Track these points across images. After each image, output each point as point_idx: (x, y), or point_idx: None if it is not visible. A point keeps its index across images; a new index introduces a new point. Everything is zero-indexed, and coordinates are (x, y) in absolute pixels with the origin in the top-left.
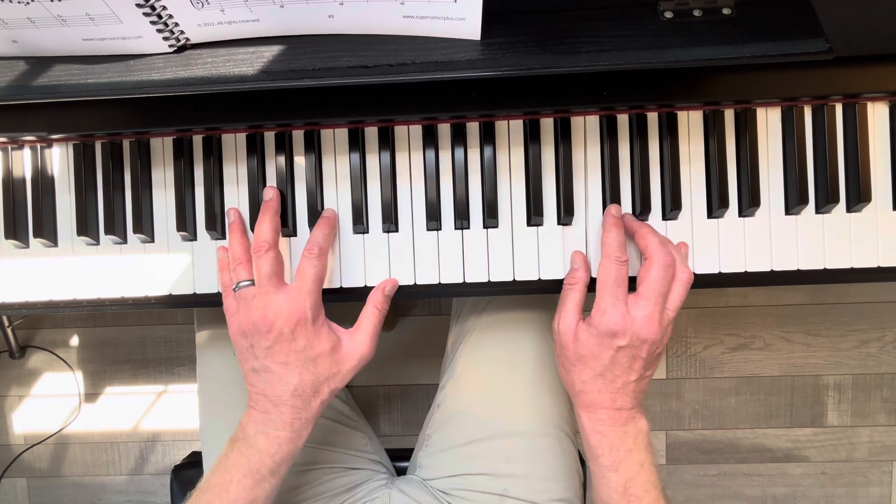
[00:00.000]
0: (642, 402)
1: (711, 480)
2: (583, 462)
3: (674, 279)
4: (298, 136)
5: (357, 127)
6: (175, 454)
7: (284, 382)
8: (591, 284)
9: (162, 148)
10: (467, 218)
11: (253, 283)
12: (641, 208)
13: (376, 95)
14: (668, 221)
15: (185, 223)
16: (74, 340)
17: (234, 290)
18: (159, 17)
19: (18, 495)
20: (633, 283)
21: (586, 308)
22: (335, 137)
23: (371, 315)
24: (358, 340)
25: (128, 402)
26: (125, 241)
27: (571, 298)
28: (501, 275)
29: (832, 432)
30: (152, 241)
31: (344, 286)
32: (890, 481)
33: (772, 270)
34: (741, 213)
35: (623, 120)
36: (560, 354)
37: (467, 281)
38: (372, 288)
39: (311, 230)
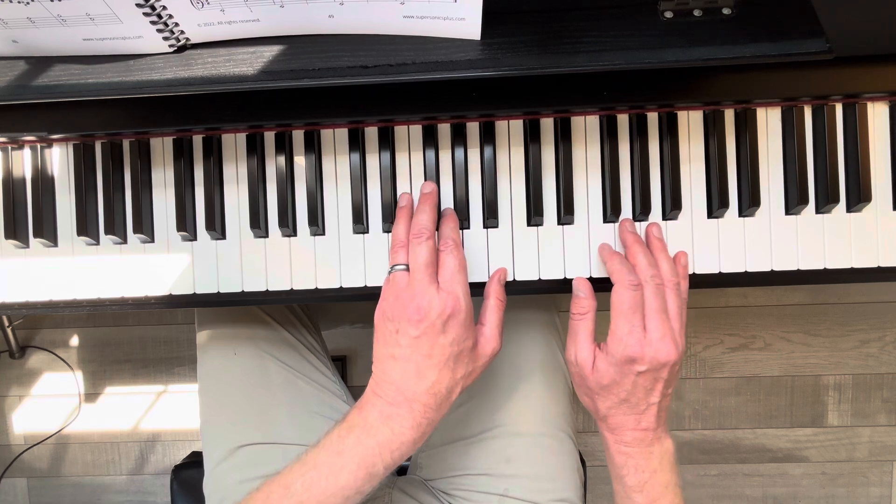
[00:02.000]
0: (666, 420)
1: (711, 480)
2: (583, 462)
3: (666, 290)
4: (298, 136)
5: (357, 127)
6: (175, 454)
7: (423, 376)
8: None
9: (162, 148)
10: (467, 218)
11: (407, 269)
12: (641, 208)
13: (376, 95)
14: (668, 221)
15: (185, 223)
16: (74, 340)
17: (388, 272)
18: (159, 17)
19: (18, 495)
20: None
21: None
22: (335, 137)
23: (494, 308)
24: (487, 335)
25: (128, 402)
26: (125, 241)
27: (583, 329)
28: None
29: (832, 432)
30: (152, 241)
31: (344, 286)
32: (890, 481)
33: (772, 270)
34: (741, 213)
35: (623, 120)
36: (580, 384)
37: (467, 281)
38: (372, 288)
39: (311, 230)
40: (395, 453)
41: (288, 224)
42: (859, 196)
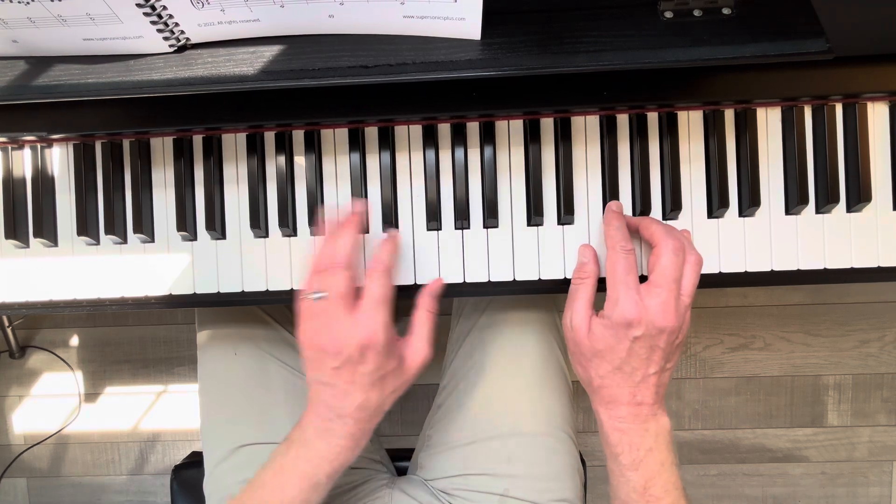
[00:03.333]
0: (664, 397)
1: (711, 480)
2: (583, 462)
3: (684, 263)
4: (298, 136)
5: (357, 127)
6: (175, 454)
7: (351, 398)
8: (601, 283)
9: (162, 148)
10: (467, 218)
11: (325, 296)
12: (641, 208)
13: (376, 95)
14: (669, 221)
15: (185, 223)
16: (74, 340)
17: (305, 297)
18: (159, 17)
19: (18, 495)
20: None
21: (596, 306)
22: (335, 137)
23: (425, 319)
24: (416, 347)
25: (128, 402)
26: (125, 241)
27: (582, 293)
28: (502, 275)
29: (832, 432)
30: (152, 241)
31: None
32: (890, 481)
33: (772, 270)
34: (741, 213)
35: (623, 120)
36: (574, 351)
37: (467, 281)
38: None
39: (311, 230)
40: (334, 463)
41: (288, 224)
42: (859, 196)
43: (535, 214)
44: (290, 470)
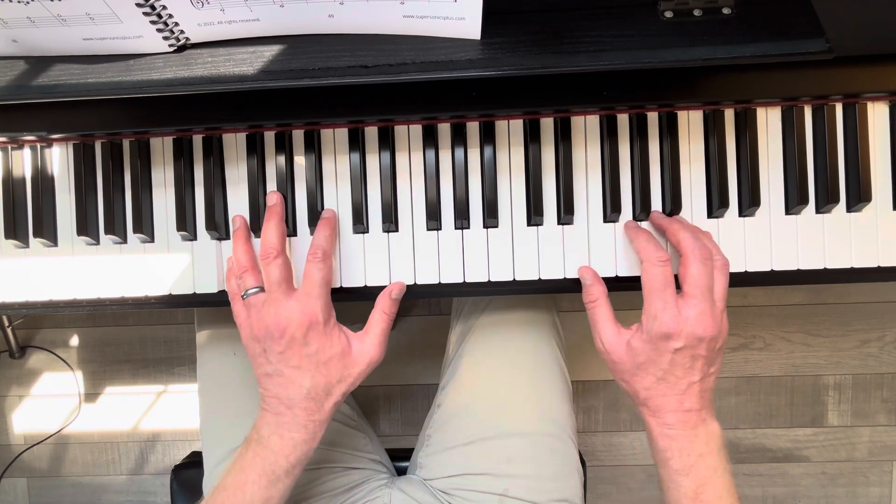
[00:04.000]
0: (711, 401)
1: None
2: (583, 462)
3: (713, 269)
4: (298, 135)
5: (357, 127)
6: (175, 454)
7: (297, 385)
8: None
9: (162, 148)
10: (467, 218)
11: (261, 290)
12: (641, 208)
13: (376, 95)
14: None
15: (185, 223)
16: (74, 340)
17: (242, 297)
18: (159, 16)
19: (18, 495)
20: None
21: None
22: (335, 137)
23: (379, 320)
24: (367, 344)
25: (128, 402)
26: (125, 240)
27: (600, 315)
28: (501, 275)
29: (832, 432)
30: (152, 241)
31: (344, 286)
32: (890, 481)
33: (772, 270)
34: (741, 213)
35: (623, 120)
36: (615, 369)
37: (467, 281)
38: (372, 288)
39: (311, 230)
40: (290, 458)
41: (288, 224)
42: (859, 196)
43: (535, 214)
44: (249, 469)
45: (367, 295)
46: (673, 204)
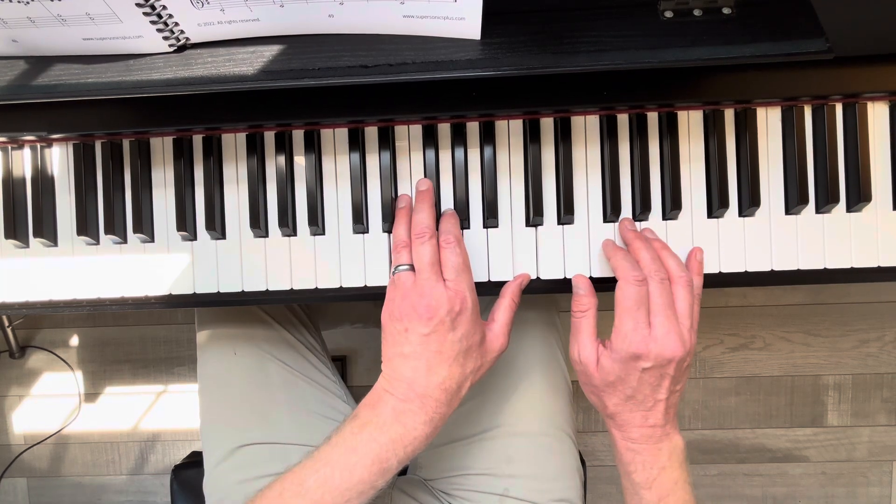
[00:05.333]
0: (676, 415)
1: (711, 480)
2: (583, 462)
3: (674, 286)
4: (298, 135)
5: (357, 127)
6: (175, 454)
7: (434, 372)
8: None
9: (162, 148)
10: (467, 218)
11: (412, 269)
12: (641, 208)
13: (376, 95)
14: (668, 221)
15: (185, 223)
16: (74, 340)
17: (392, 273)
18: (159, 16)
19: (18, 495)
20: None
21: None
22: (335, 137)
23: (507, 307)
24: (496, 332)
25: (128, 402)
26: (125, 240)
27: (585, 327)
28: (501, 275)
29: (832, 432)
30: (152, 240)
31: (344, 286)
32: (890, 481)
33: (772, 270)
34: (741, 213)
35: (623, 120)
36: (585, 382)
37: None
38: (372, 287)
39: (311, 230)
40: (409, 448)
41: (288, 224)
42: (859, 196)
43: (534, 214)
44: (363, 452)
45: (367, 295)
46: (673, 204)
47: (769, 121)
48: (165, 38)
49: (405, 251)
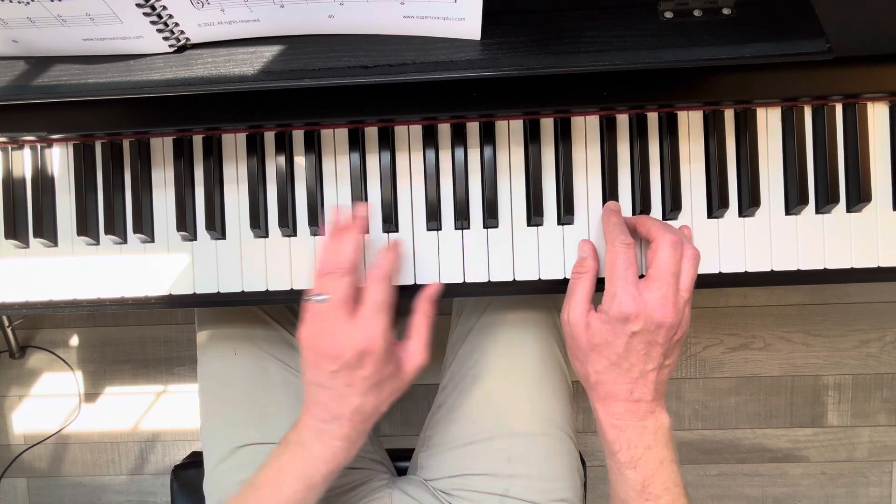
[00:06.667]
0: (663, 395)
1: (711, 480)
2: (583, 462)
3: (682, 258)
4: (298, 136)
5: (357, 127)
6: (175, 454)
7: (347, 401)
8: (600, 281)
9: (162, 148)
10: (467, 218)
11: (326, 300)
12: (641, 208)
13: (376, 95)
14: (668, 221)
15: (185, 223)
16: (74, 340)
17: (304, 299)
18: (159, 17)
19: (18, 495)
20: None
21: (595, 303)
22: (335, 137)
23: (421, 324)
24: (413, 351)
25: (128, 402)
26: (125, 241)
27: (581, 288)
28: (501, 275)
29: (832, 432)
30: (152, 241)
31: None
32: (890, 481)
33: (772, 270)
34: (741, 213)
35: (623, 120)
36: (572, 346)
37: (467, 281)
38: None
39: (311, 230)
40: (330, 464)
41: (288, 224)
42: (859, 196)
43: (534, 214)
44: (287, 471)
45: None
46: (673, 204)
47: (769, 121)
48: (165, 39)
49: (324, 279)
